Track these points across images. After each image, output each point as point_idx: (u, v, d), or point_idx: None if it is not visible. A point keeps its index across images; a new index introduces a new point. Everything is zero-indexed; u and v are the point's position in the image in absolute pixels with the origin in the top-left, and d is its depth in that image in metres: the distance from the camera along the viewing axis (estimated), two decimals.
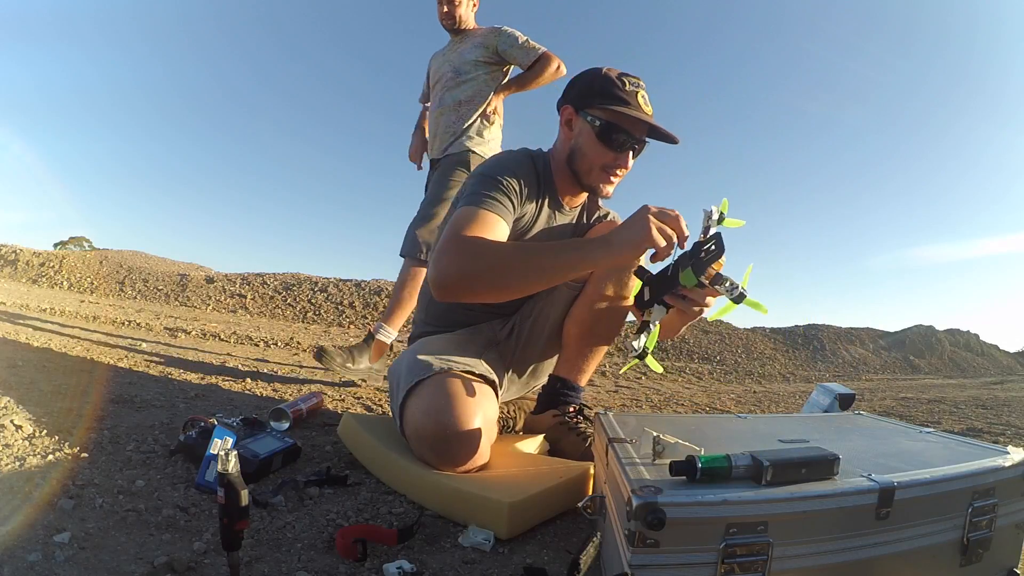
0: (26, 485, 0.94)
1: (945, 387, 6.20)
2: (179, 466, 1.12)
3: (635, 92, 1.24)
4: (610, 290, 1.36)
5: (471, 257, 1.09)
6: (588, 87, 1.27)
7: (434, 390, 1.13)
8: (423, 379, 1.15)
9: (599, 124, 1.24)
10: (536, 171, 1.34)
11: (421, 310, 1.56)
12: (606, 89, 1.24)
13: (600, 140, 1.25)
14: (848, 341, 10.48)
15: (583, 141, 1.28)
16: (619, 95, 1.23)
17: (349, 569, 0.81)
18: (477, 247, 1.10)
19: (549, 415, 1.44)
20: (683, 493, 0.64)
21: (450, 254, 1.10)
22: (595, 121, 1.24)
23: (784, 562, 0.64)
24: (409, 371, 1.19)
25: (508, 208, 1.22)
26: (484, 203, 1.19)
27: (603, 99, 1.24)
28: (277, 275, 8.85)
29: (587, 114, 1.26)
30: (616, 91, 1.23)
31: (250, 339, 4.10)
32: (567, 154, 1.32)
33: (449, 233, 1.14)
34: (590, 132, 1.26)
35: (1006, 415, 3.12)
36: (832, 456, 0.70)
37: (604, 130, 1.24)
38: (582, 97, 1.28)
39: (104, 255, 9.93)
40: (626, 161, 1.29)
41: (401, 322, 2.50)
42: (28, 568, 0.71)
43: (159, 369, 2.31)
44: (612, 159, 1.28)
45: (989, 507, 0.75)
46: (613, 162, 1.28)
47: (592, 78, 1.27)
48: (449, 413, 1.09)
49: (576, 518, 1.06)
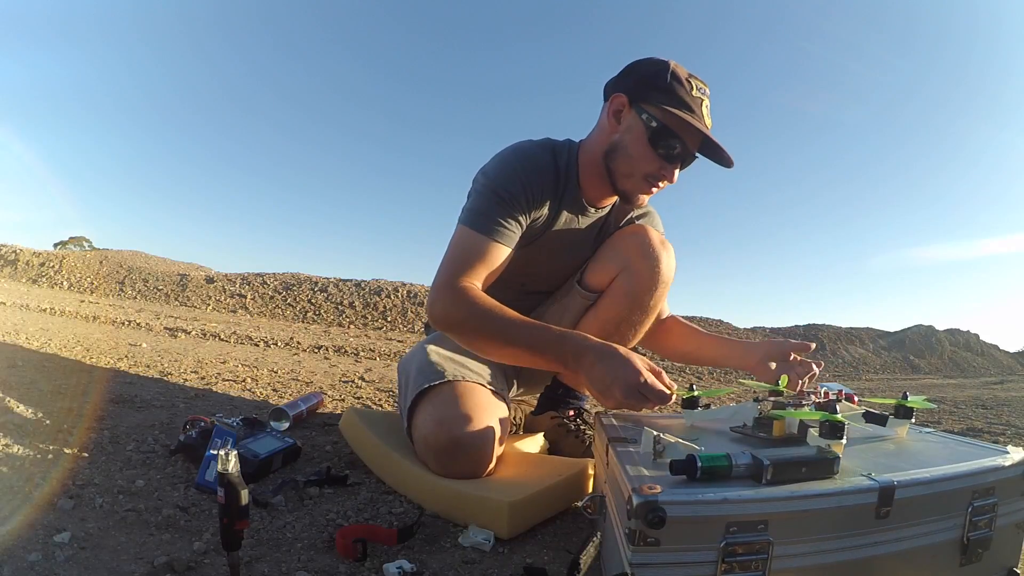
0: (26, 485, 0.94)
1: (945, 387, 6.19)
2: (179, 466, 1.12)
3: (701, 100, 1.11)
4: (625, 306, 1.27)
5: (461, 318, 1.10)
6: (651, 79, 1.12)
7: (447, 398, 1.09)
8: (434, 384, 1.11)
9: (655, 125, 1.11)
10: (556, 168, 1.22)
11: None
12: (671, 87, 1.10)
13: (651, 143, 1.12)
14: (848, 341, 10.49)
15: (630, 140, 1.15)
16: (684, 98, 1.10)
17: (349, 569, 0.81)
18: (469, 310, 1.09)
19: (548, 416, 1.44)
20: (683, 492, 0.64)
21: (445, 305, 1.11)
22: (651, 120, 1.11)
23: (784, 561, 0.64)
24: (420, 371, 1.15)
25: (512, 229, 1.17)
26: (485, 228, 1.15)
27: (666, 97, 1.10)
28: (277, 275, 8.86)
29: (643, 110, 1.12)
30: (682, 92, 1.10)
31: (250, 339, 4.10)
32: (606, 149, 1.19)
33: (449, 270, 1.13)
34: (642, 131, 1.13)
35: (1006, 415, 3.12)
36: (832, 455, 0.70)
37: (659, 133, 1.11)
38: (641, 89, 1.13)
39: (104, 255, 9.93)
40: (673, 174, 1.17)
41: None
42: (28, 568, 0.71)
43: (159, 369, 2.31)
44: (658, 168, 1.15)
45: (989, 506, 0.75)
46: (658, 172, 1.15)
47: (657, 70, 1.12)
48: (461, 426, 1.05)
49: (576, 518, 1.06)
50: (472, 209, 1.18)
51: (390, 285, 8.68)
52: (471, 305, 1.09)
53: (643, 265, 1.24)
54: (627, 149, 1.16)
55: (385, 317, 7.83)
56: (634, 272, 1.25)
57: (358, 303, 8.06)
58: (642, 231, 1.26)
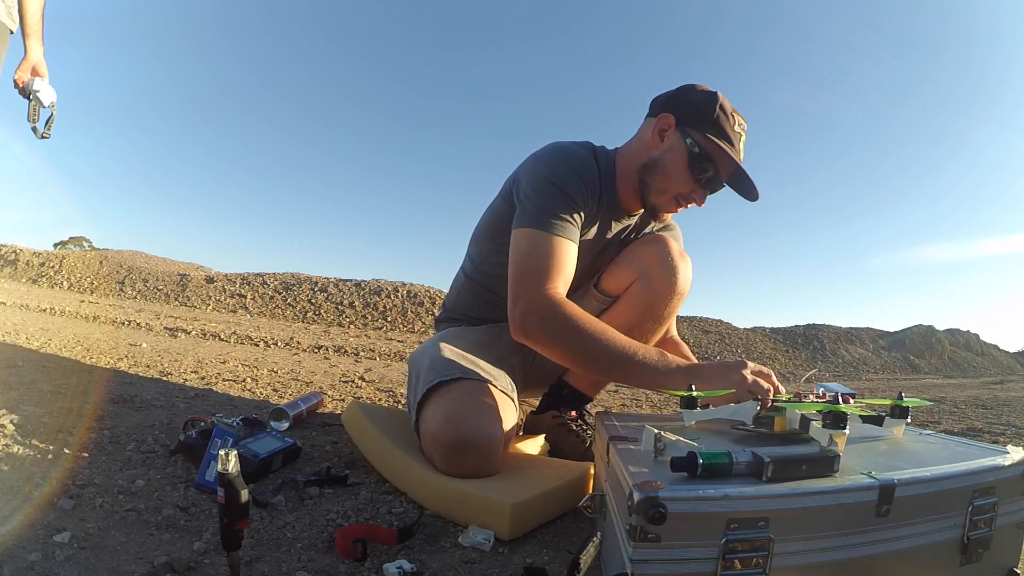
0: (26, 485, 0.94)
1: (945, 387, 6.20)
2: (179, 466, 1.12)
3: (740, 135, 1.19)
4: (639, 312, 1.28)
5: (561, 336, 1.09)
6: (701, 108, 1.18)
7: (458, 396, 1.10)
8: (445, 381, 1.12)
9: (697, 151, 1.17)
10: (599, 171, 1.25)
11: (452, 295, 1.50)
12: (718, 119, 1.17)
13: (689, 166, 1.18)
14: (848, 341, 10.49)
15: (670, 159, 1.20)
16: (727, 130, 1.17)
17: (349, 569, 0.81)
18: (568, 328, 1.08)
19: (549, 416, 1.44)
20: (684, 488, 0.64)
21: (540, 321, 1.10)
22: (694, 146, 1.17)
23: (785, 558, 0.64)
24: (432, 367, 1.16)
25: (576, 225, 1.19)
26: (554, 228, 1.15)
27: (711, 127, 1.17)
28: (277, 275, 8.86)
29: (688, 134, 1.18)
30: (726, 125, 1.17)
31: (250, 339, 4.10)
32: (644, 162, 1.23)
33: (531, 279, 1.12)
34: (683, 153, 1.18)
35: (1006, 415, 3.12)
36: (833, 453, 0.71)
37: (699, 158, 1.17)
38: (689, 114, 1.19)
39: (104, 255, 9.93)
40: (703, 198, 1.22)
41: None
42: (28, 568, 0.71)
43: (159, 369, 2.31)
44: (691, 191, 1.21)
45: (989, 506, 0.75)
46: (690, 194, 1.21)
47: (707, 100, 1.19)
48: (470, 424, 1.06)
49: (576, 518, 1.06)
50: (536, 210, 1.16)
51: (390, 285, 8.68)
52: (569, 321, 1.08)
53: (661, 274, 1.25)
54: (666, 168, 1.20)
55: (385, 317, 7.83)
56: (651, 280, 1.26)
57: (358, 303, 8.06)
58: (662, 241, 1.28)
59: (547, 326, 1.10)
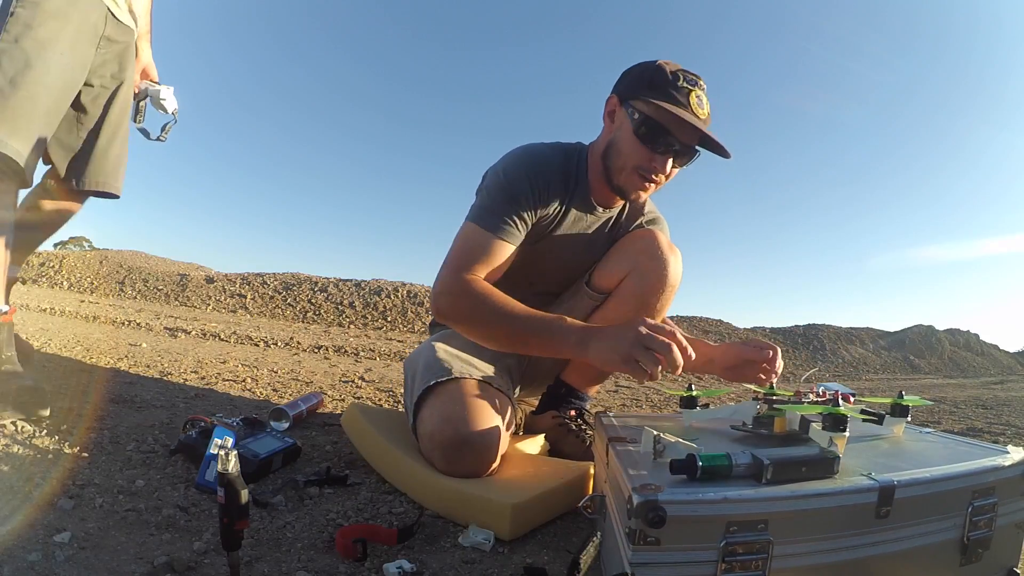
0: (26, 485, 0.94)
1: (945, 387, 6.20)
2: (179, 466, 1.12)
3: (688, 90, 1.12)
4: (632, 307, 1.28)
5: (467, 309, 1.15)
6: (637, 77, 1.17)
7: (454, 395, 1.11)
8: (441, 381, 1.13)
9: (638, 117, 1.14)
10: (566, 168, 1.26)
11: None
12: (655, 81, 1.13)
13: (637, 136, 1.15)
14: (848, 341, 10.49)
15: (620, 136, 1.19)
16: (668, 90, 1.12)
17: (349, 569, 0.81)
18: (474, 300, 1.13)
19: (549, 416, 1.44)
20: (684, 491, 0.64)
21: (450, 297, 1.16)
22: (634, 114, 1.15)
23: (784, 560, 0.64)
24: (427, 368, 1.17)
25: (517, 227, 1.21)
26: (492, 225, 1.19)
27: (650, 92, 1.13)
28: (277, 275, 8.86)
29: (630, 106, 1.16)
30: (666, 85, 1.12)
31: (250, 339, 4.10)
32: (604, 148, 1.23)
33: (454, 264, 1.17)
34: (628, 126, 1.16)
35: (1006, 415, 3.12)
36: (832, 455, 0.71)
37: (642, 125, 1.14)
38: (629, 87, 1.18)
39: (104, 255, 9.93)
40: (663, 166, 1.17)
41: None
42: (28, 568, 0.71)
43: (159, 369, 2.31)
44: (647, 160, 1.17)
45: (989, 506, 0.75)
46: (648, 164, 1.17)
47: (643, 68, 1.17)
48: (468, 423, 1.06)
49: (576, 518, 1.06)
50: (480, 206, 1.22)
51: (390, 285, 8.68)
52: (476, 296, 1.13)
53: (651, 267, 1.26)
54: (618, 145, 1.20)
55: (385, 317, 7.83)
56: (642, 274, 1.27)
57: (358, 303, 8.06)
58: (651, 235, 1.29)
59: (456, 302, 1.16)
